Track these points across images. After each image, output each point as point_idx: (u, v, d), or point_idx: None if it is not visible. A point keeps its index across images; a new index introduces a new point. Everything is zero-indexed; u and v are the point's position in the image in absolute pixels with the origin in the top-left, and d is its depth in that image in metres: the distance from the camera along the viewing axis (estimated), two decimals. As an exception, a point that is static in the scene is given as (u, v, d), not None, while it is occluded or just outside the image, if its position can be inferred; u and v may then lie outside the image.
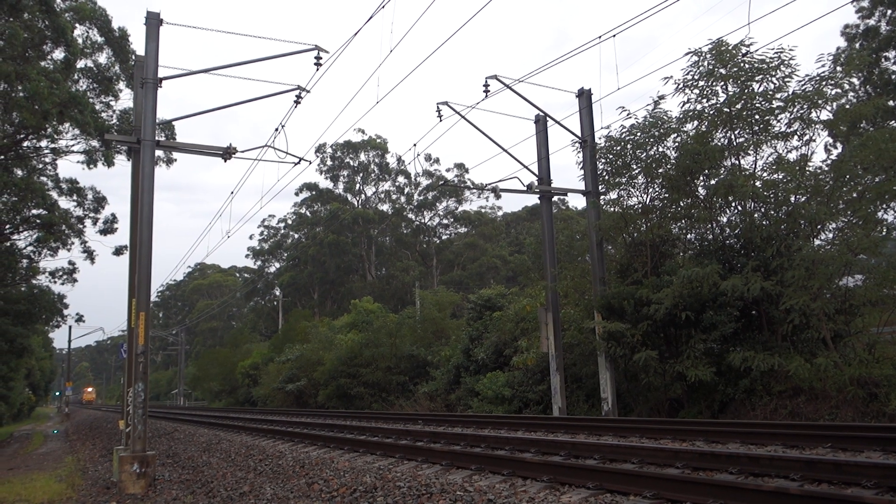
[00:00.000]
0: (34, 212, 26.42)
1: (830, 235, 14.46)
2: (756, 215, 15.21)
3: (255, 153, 14.10)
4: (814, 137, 14.82)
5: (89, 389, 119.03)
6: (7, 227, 26.64)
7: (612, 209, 17.39)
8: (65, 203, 27.53)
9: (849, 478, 6.18)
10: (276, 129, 13.98)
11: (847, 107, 15.31)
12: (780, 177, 14.75)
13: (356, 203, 71.83)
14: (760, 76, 15.03)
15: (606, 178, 17.57)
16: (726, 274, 14.23)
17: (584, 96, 17.96)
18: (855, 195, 13.86)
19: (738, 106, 15.15)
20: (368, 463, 10.36)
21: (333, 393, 32.68)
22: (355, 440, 12.82)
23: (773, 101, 14.96)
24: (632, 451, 8.41)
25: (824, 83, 14.39)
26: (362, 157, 71.04)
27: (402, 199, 71.97)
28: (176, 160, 29.12)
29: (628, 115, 16.83)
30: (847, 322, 13.58)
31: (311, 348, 37.99)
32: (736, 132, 15.58)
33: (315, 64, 13.02)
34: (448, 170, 68.72)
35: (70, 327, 49.08)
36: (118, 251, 28.86)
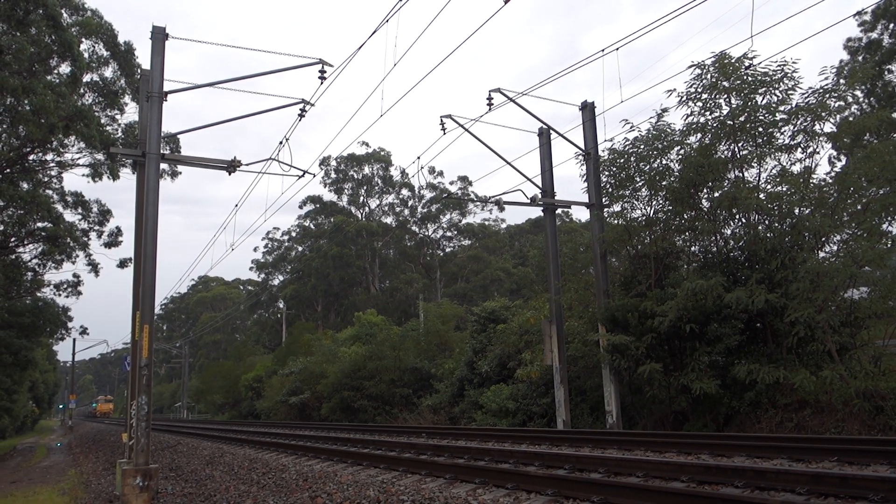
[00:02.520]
0: (39, 225, 26.54)
1: (835, 248, 14.44)
2: (760, 228, 15.19)
3: (260, 166, 14.14)
4: (817, 150, 14.84)
5: (108, 398, 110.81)
6: (12, 239, 26.75)
7: (615, 221, 17.39)
8: (70, 216, 27.72)
9: (855, 492, 6.14)
10: (281, 143, 14.04)
11: (850, 119, 15.33)
12: (784, 189, 14.73)
13: (360, 216, 71.96)
14: (763, 89, 15.07)
15: (610, 190, 17.59)
16: (730, 286, 14.19)
17: (588, 109, 18.01)
18: (859, 207, 13.84)
19: (742, 118, 15.17)
20: (372, 476, 10.32)
21: (337, 406, 32.59)
22: (358, 453, 12.78)
23: (777, 114, 14.98)
24: (637, 465, 8.36)
25: (828, 96, 14.41)
26: (366, 169, 71.30)
27: (406, 211, 72.14)
28: (181, 173, 29.36)
29: (632, 127, 16.88)
30: (852, 335, 13.52)
31: (314, 361, 37.91)
32: (739, 145, 15.60)
33: (319, 78, 13.10)
34: (452, 182, 68.89)
35: (74, 340, 49.34)
36: (123, 264, 28.99)
